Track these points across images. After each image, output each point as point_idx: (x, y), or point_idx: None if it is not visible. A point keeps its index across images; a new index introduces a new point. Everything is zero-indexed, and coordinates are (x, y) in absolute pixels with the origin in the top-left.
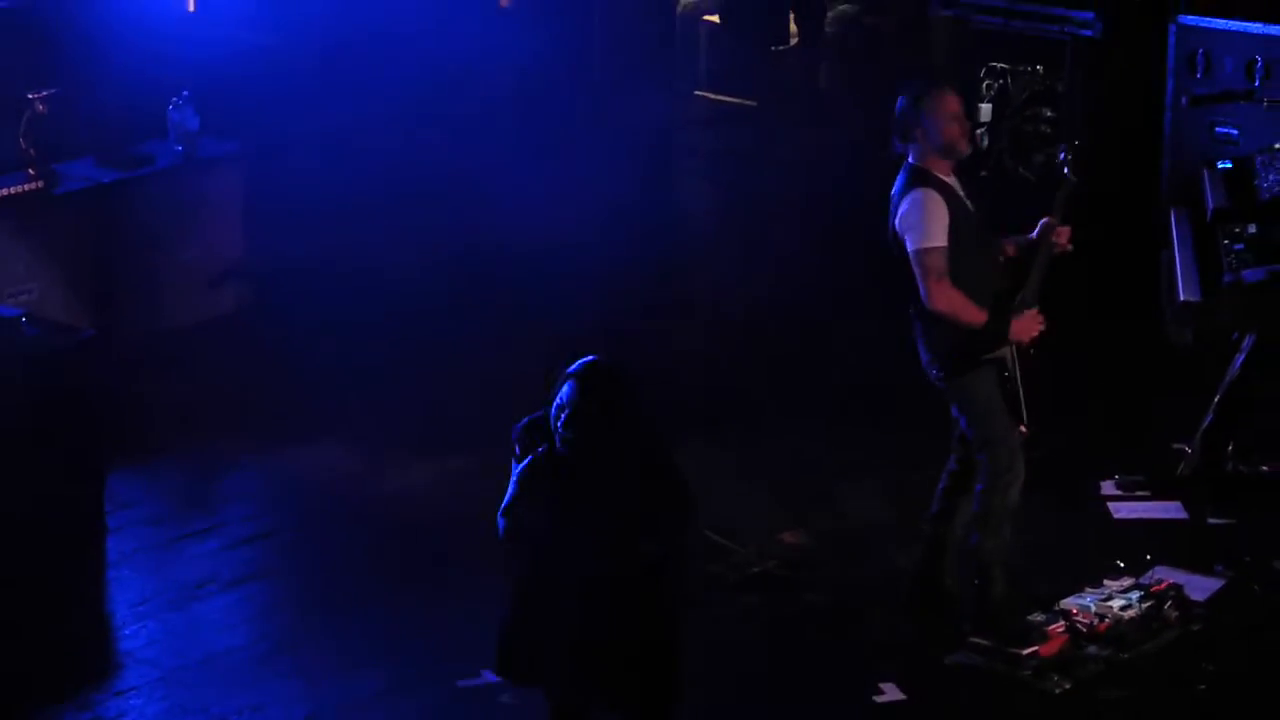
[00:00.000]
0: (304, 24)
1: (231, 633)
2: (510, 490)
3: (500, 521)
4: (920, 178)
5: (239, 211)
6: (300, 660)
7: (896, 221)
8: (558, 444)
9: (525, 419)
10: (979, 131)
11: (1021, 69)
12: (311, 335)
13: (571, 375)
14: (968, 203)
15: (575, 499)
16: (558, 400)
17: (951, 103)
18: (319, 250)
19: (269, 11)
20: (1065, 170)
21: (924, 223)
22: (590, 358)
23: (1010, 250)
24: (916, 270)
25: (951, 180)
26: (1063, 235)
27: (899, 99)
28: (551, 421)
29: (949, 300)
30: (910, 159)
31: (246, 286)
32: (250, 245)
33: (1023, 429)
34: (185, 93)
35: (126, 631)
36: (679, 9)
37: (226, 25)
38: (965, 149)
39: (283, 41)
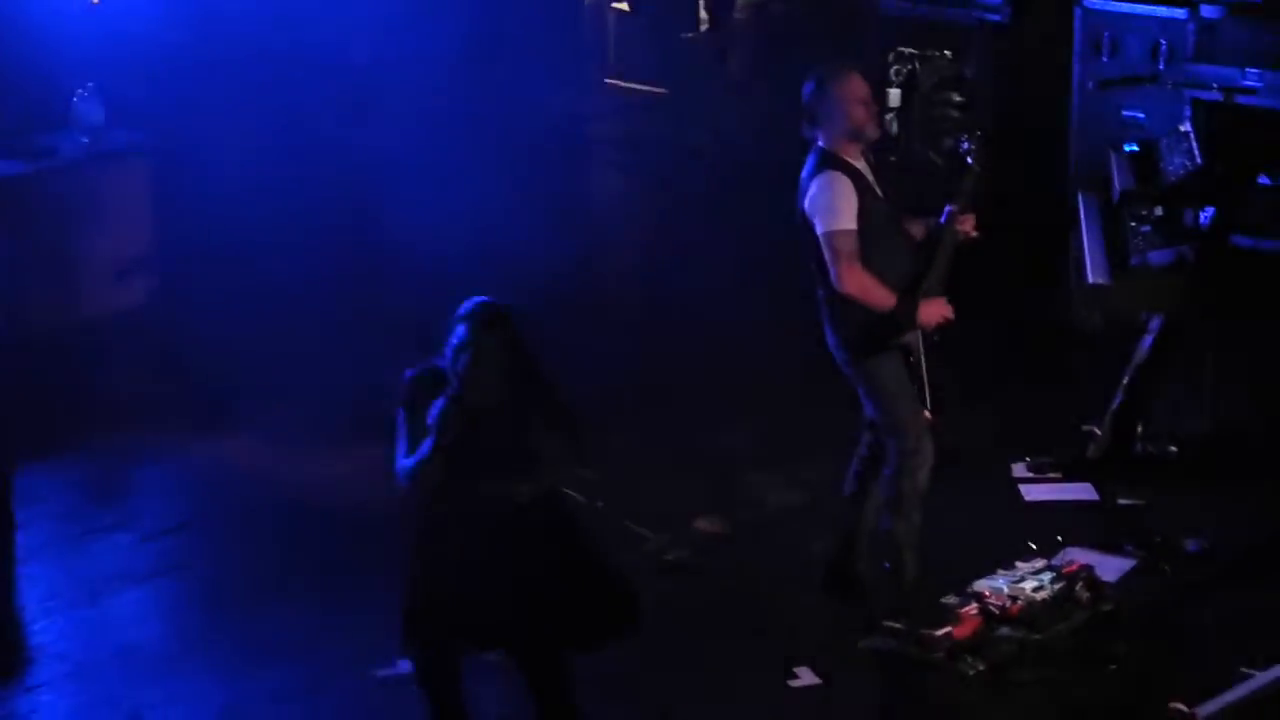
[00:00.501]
0: (211, 18)
1: (144, 627)
2: (400, 439)
3: (405, 469)
4: (829, 161)
5: (146, 204)
6: (215, 654)
7: (806, 204)
8: (457, 387)
9: (412, 370)
10: (888, 116)
11: (930, 54)
12: (221, 327)
13: (464, 317)
14: (876, 187)
15: (480, 439)
16: (452, 344)
17: (858, 86)
18: (228, 242)
19: (175, 5)
20: (969, 159)
21: (833, 205)
22: (479, 298)
23: (918, 232)
24: (826, 252)
25: (860, 164)
26: (967, 223)
27: (807, 83)
28: (449, 366)
29: (858, 282)
30: (820, 143)
31: (155, 279)
32: (159, 237)
33: (928, 414)
34: (90, 84)
35: (37, 627)
36: None
37: (132, 18)
38: (873, 132)
39: (190, 35)
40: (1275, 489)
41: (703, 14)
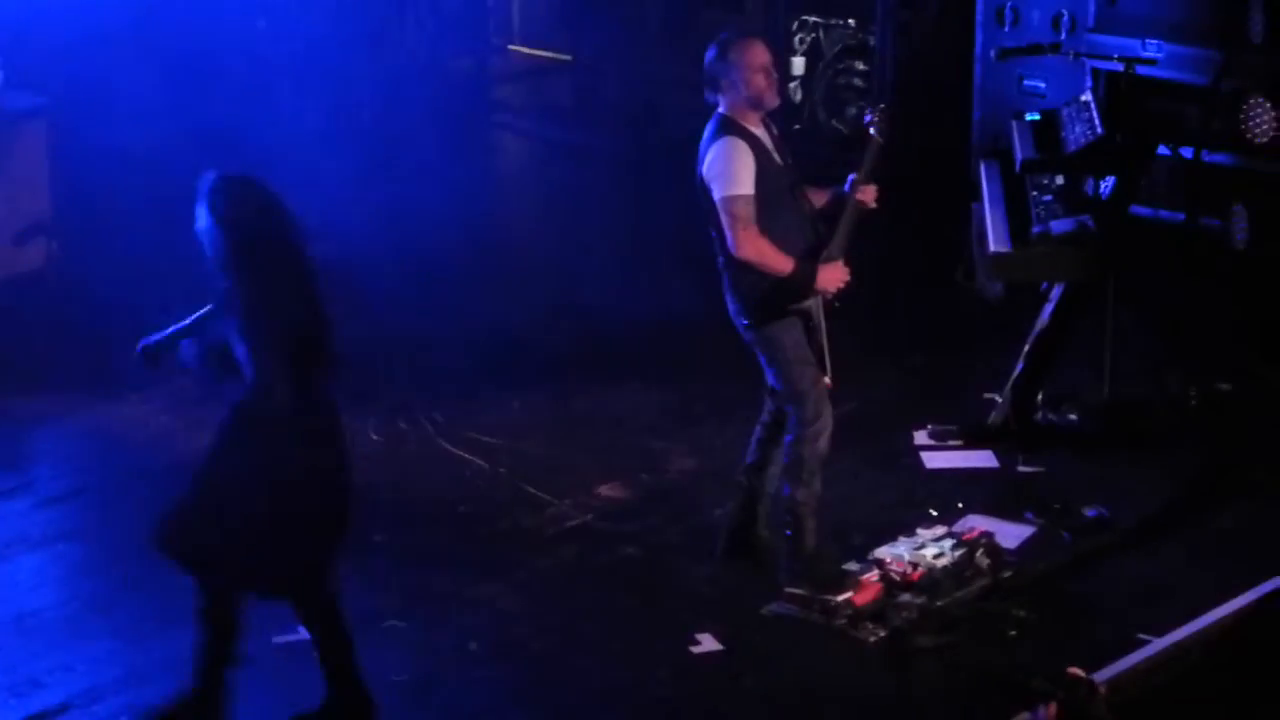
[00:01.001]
0: None
1: (40, 593)
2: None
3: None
4: (728, 127)
5: (45, 167)
6: (113, 620)
7: (704, 169)
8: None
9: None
10: (792, 84)
11: (834, 23)
12: (120, 291)
13: (205, 194)
14: (776, 155)
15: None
16: (203, 230)
17: (759, 54)
18: (127, 205)
19: None
20: (872, 130)
21: (730, 171)
22: (212, 173)
23: (821, 200)
24: (724, 218)
25: (760, 131)
26: (869, 194)
27: (709, 49)
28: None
29: (756, 248)
30: (720, 109)
31: (54, 242)
32: (58, 200)
33: (827, 380)
34: None
35: None
36: None
37: None
38: (773, 100)
39: None
40: (1172, 457)
41: None
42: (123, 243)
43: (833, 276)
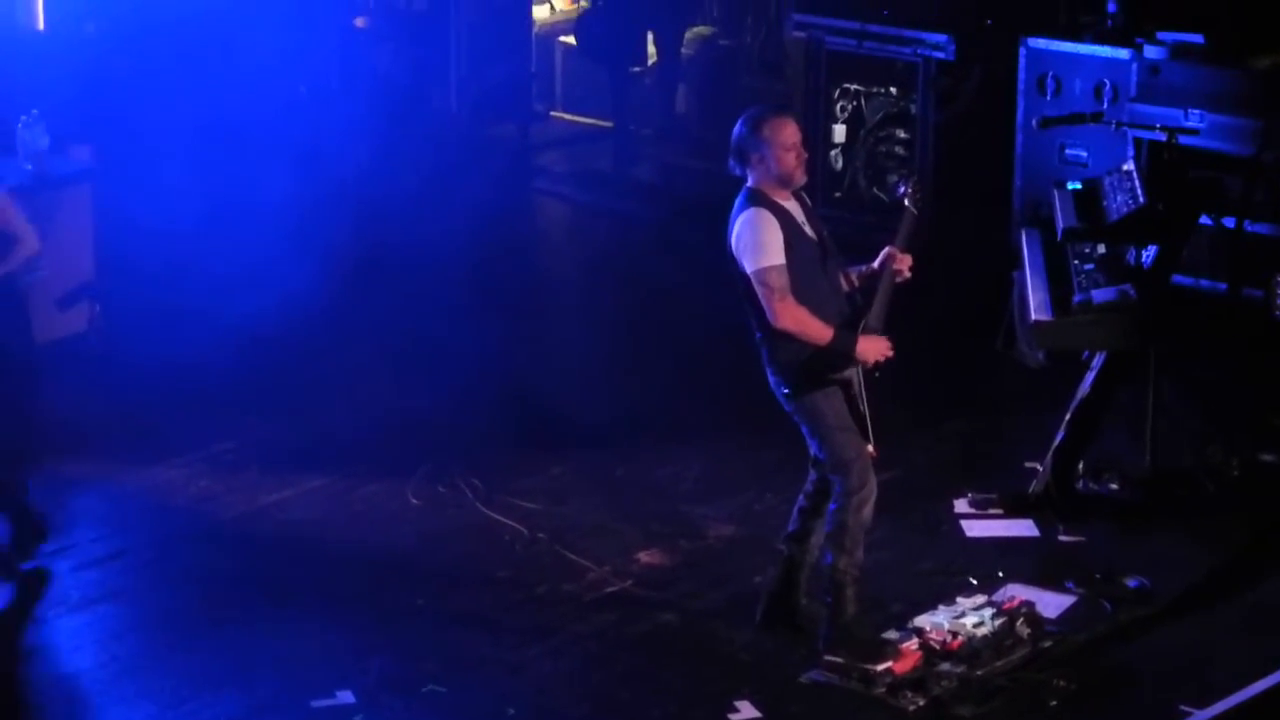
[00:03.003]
0: (159, 43)
1: (80, 655)
2: None
3: None
4: (755, 199)
5: (89, 230)
6: (149, 683)
7: (733, 243)
8: None
9: None
10: (832, 153)
11: (875, 90)
12: (163, 355)
13: None
14: (807, 228)
15: None
16: None
17: (790, 132)
18: (172, 268)
19: (119, 30)
20: (906, 201)
21: (759, 242)
22: None
23: (853, 280)
24: (759, 290)
25: (790, 204)
26: (904, 263)
27: (739, 124)
28: None
29: (795, 317)
30: (748, 182)
31: (97, 305)
32: (102, 263)
33: (871, 449)
34: (35, 110)
35: None
36: (535, 30)
37: (77, 43)
38: (801, 178)
39: (135, 59)
40: (1214, 527)
41: (651, 48)
42: (166, 306)
43: (874, 348)
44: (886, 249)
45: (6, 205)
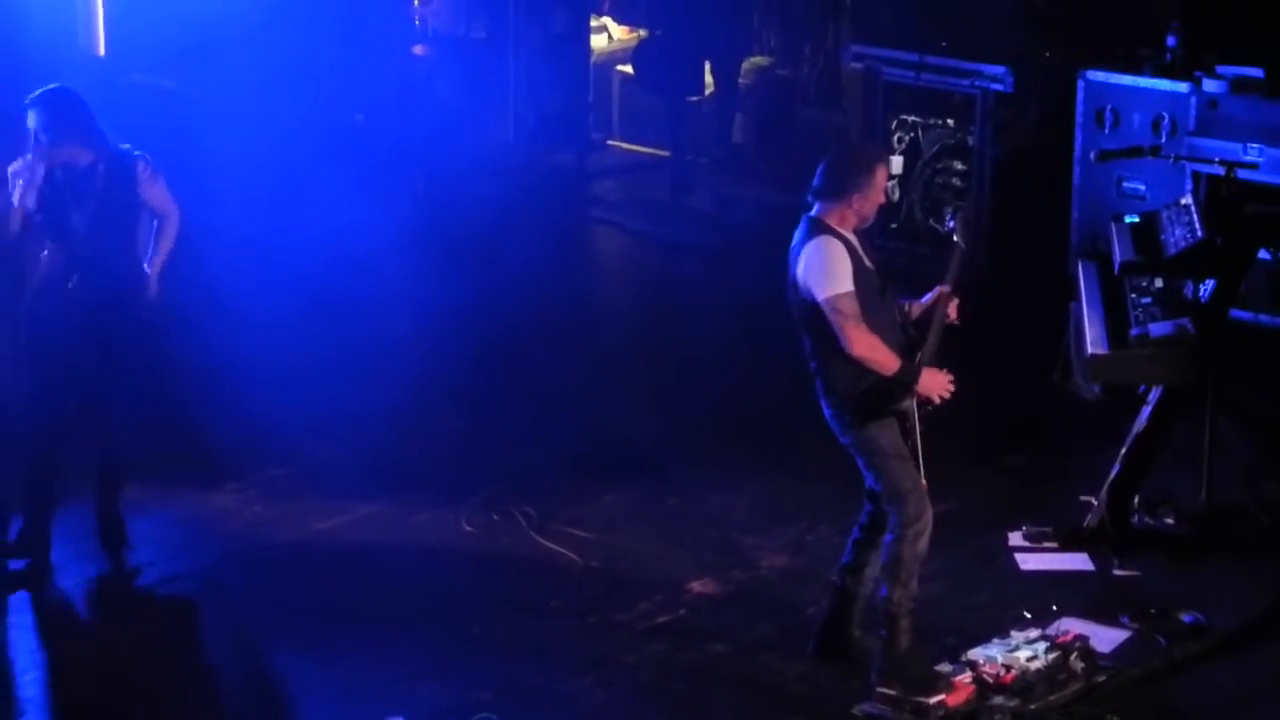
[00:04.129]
0: (217, 66)
1: (132, 679)
2: None
3: None
4: (819, 228)
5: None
6: (202, 709)
7: (800, 273)
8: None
9: None
10: (890, 184)
11: (932, 122)
12: (218, 378)
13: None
14: (866, 259)
15: None
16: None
17: (884, 177)
18: (228, 293)
19: (178, 55)
20: (955, 237)
21: (831, 269)
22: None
23: (910, 309)
24: (832, 317)
25: (851, 236)
26: (953, 309)
27: (846, 159)
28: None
29: (867, 343)
30: (815, 211)
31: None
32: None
33: (924, 482)
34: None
35: (26, 677)
36: (593, 59)
37: (136, 68)
38: (873, 218)
39: (192, 85)
40: (1271, 562)
41: (709, 78)
42: (221, 329)
43: (936, 382)
44: (938, 287)
45: (157, 180)
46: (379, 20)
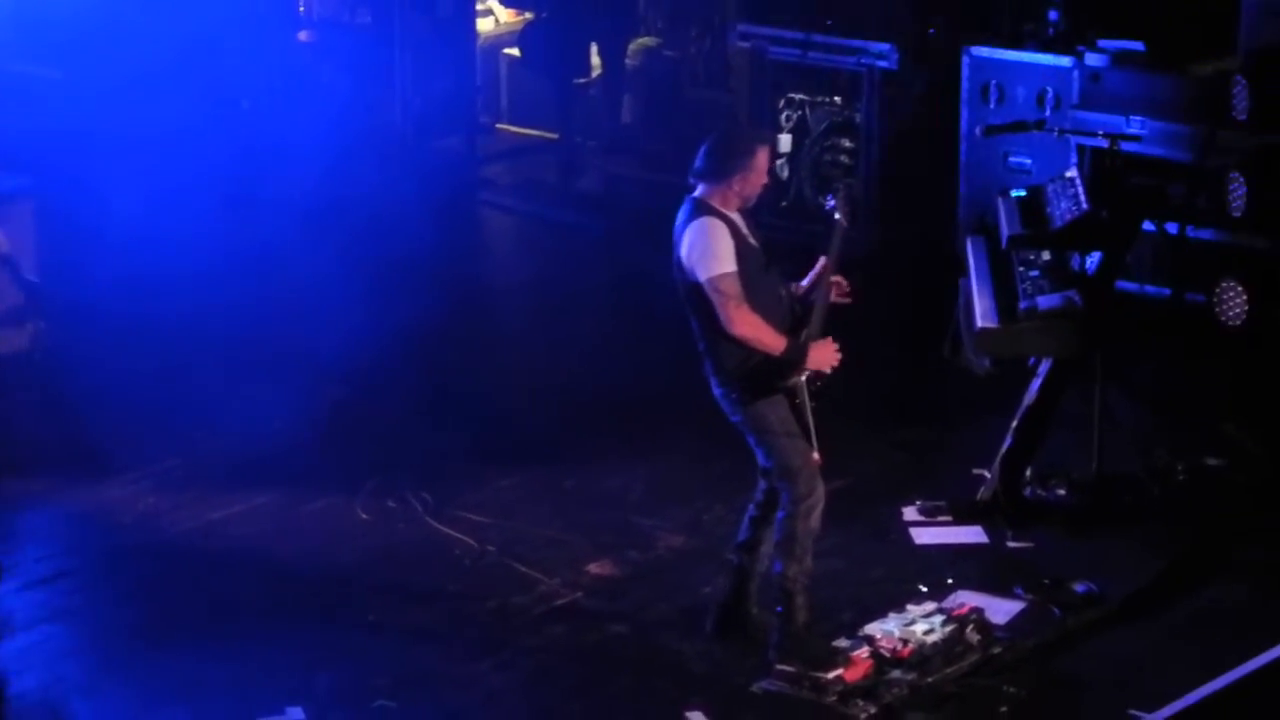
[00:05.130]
0: (97, 55)
1: (26, 676)
2: None
3: None
4: (703, 209)
5: (33, 247)
6: (97, 703)
7: (683, 253)
8: None
9: None
10: (779, 162)
11: (820, 100)
12: (109, 372)
13: None
14: (750, 237)
15: None
16: None
17: (765, 160)
18: (115, 284)
19: (56, 45)
20: (836, 215)
21: (713, 250)
22: None
23: (795, 289)
24: (714, 297)
25: (735, 215)
26: (839, 287)
27: (727, 141)
28: None
29: (750, 323)
30: (698, 193)
31: (41, 323)
32: (46, 281)
33: (817, 456)
34: None
35: None
36: (480, 43)
37: (19, 58)
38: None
39: (73, 76)
40: (1161, 532)
41: (595, 60)
42: (110, 323)
43: (824, 354)
44: (821, 260)
45: None
46: (264, 6)
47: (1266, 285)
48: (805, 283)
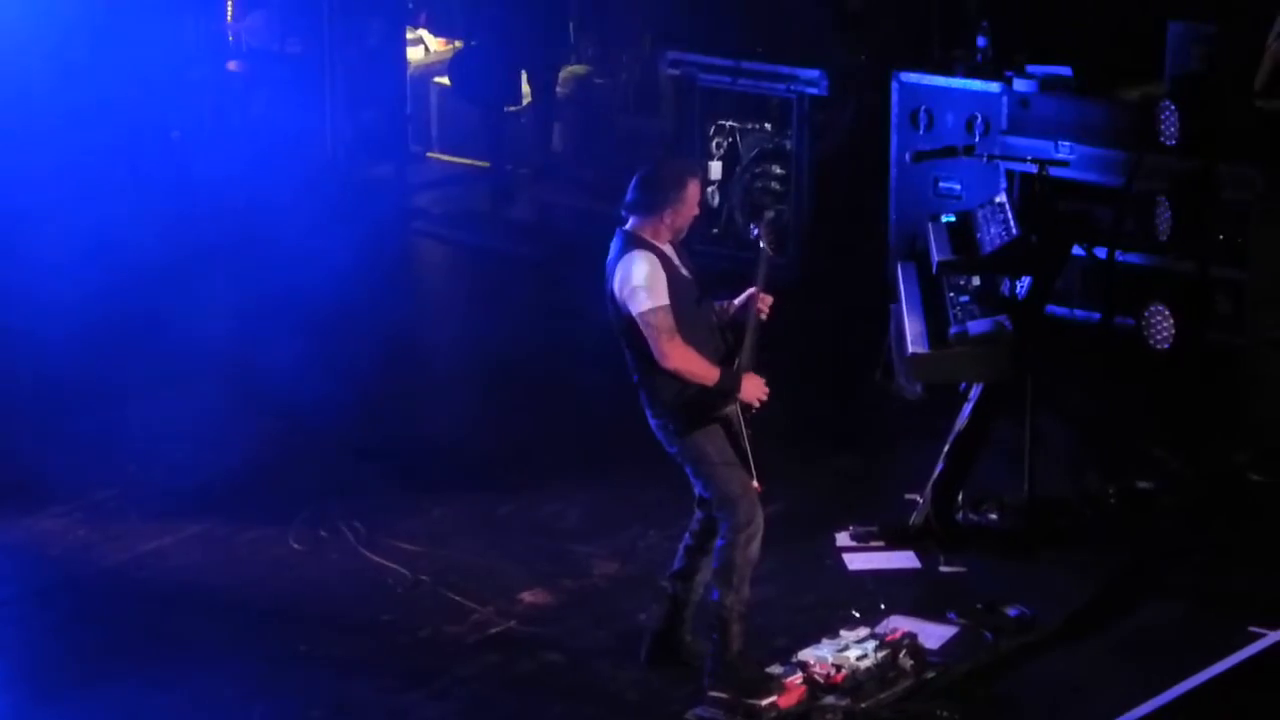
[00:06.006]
0: (23, 88)
1: None
2: None
3: None
4: (635, 241)
5: None
6: None
7: (616, 287)
8: None
9: None
10: (709, 189)
11: (750, 126)
12: (37, 402)
13: None
14: (682, 269)
15: None
16: None
17: (696, 192)
18: (43, 314)
19: None
20: (761, 244)
21: (645, 285)
22: None
23: (723, 312)
24: (646, 331)
25: (666, 247)
26: (765, 304)
27: (657, 174)
28: None
29: (683, 356)
30: (630, 225)
31: None
32: None
33: (756, 485)
34: None
35: None
36: (410, 72)
37: None
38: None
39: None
40: (1093, 555)
41: (525, 88)
42: (38, 353)
43: (755, 388)
44: (749, 290)
45: None
46: (193, 36)
47: (1192, 309)
48: (737, 302)
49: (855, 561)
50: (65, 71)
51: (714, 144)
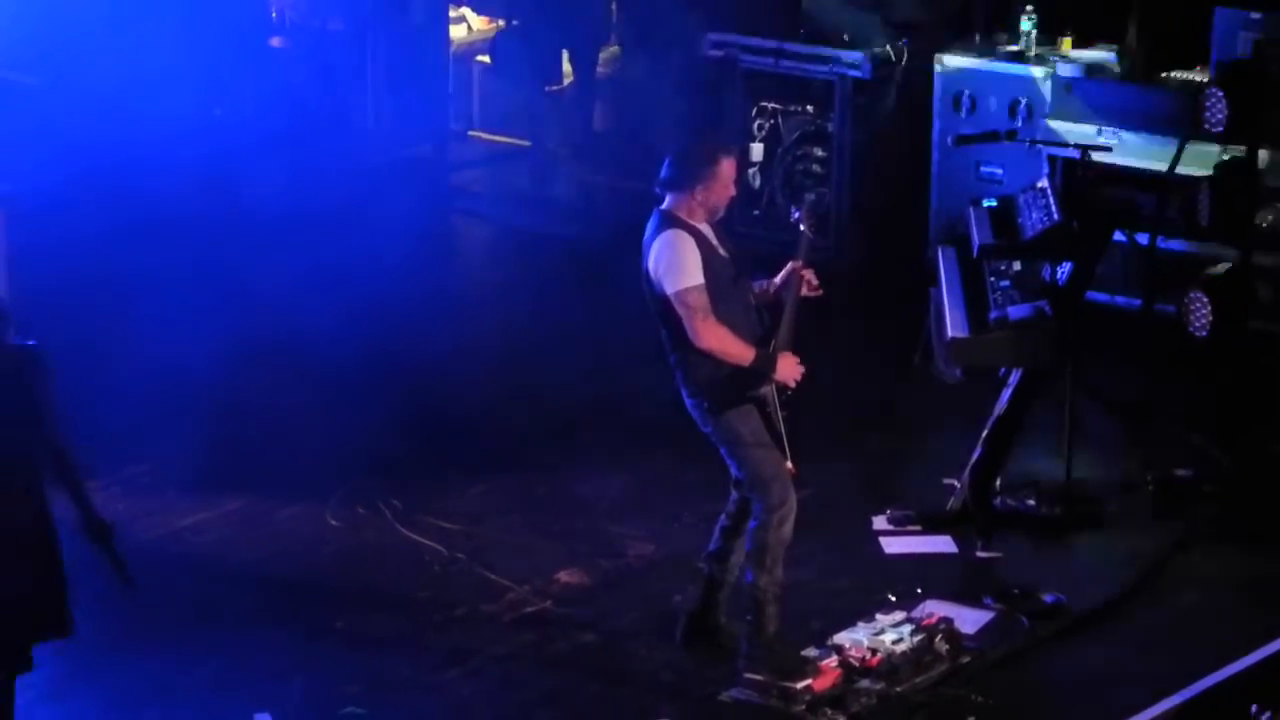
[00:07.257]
0: (67, 64)
1: None
2: None
3: None
4: (671, 221)
5: (4, 255)
6: (67, 709)
7: (650, 266)
8: None
9: None
10: (750, 170)
11: (792, 109)
12: (74, 377)
13: None
14: (720, 248)
15: None
16: None
17: (731, 170)
18: (84, 291)
19: (29, 51)
20: (801, 227)
21: (680, 263)
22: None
23: (761, 294)
24: (681, 311)
25: (703, 226)
26: (809, 277)
27: (688, 151)
28: None
29: (717, 336)
30: (666, 205)
31: (10, 329)
32: (15, 289)
33: (790, 466)
34: None
35: None
36: (452, 50)
37: None
38: (724, 211)
39: (52, 81)
40: (1130, 543)
41: (567, 67)
42: (77, 328)
43: (791, 368)
44: (790, 265)
45: None
46: (236, 13)
47: (1232, 296)
48: (778, 280)
49: (892, 545)
50: (111, 49)
51: (756, 126)
